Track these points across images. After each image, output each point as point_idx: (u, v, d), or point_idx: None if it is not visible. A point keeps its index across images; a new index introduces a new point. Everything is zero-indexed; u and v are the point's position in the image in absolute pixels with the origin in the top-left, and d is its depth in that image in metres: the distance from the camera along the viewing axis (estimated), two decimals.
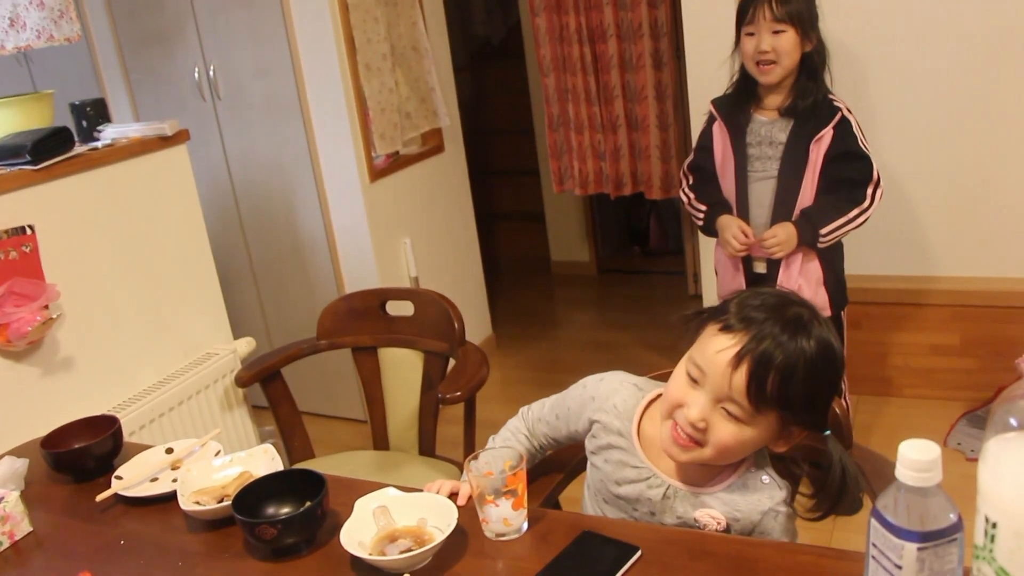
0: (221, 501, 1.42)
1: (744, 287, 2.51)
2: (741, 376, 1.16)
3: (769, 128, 2.41)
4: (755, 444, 1.22)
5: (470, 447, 2.19)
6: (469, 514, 1.31)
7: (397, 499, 1.35)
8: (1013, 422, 0.86)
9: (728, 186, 2.52)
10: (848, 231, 2.39)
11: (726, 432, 1.19)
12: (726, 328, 1.20)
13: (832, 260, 2.52)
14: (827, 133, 2.34)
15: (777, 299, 1.22)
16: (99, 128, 2.42)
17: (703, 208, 2.54)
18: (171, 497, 1.47)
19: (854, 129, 2.35)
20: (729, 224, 2.44)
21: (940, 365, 3.24)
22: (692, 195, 2.58)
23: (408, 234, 3.56)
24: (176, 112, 3.47)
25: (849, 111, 2.38)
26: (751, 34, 2.33)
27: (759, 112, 2.44)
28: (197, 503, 1.43)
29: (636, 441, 1.35)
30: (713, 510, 1.28)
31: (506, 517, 1.27)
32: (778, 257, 2.40)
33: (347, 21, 3.16)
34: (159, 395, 2.36)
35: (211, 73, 3.35)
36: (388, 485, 1.39)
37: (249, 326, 3.63)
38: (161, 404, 2.35)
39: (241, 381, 2.31)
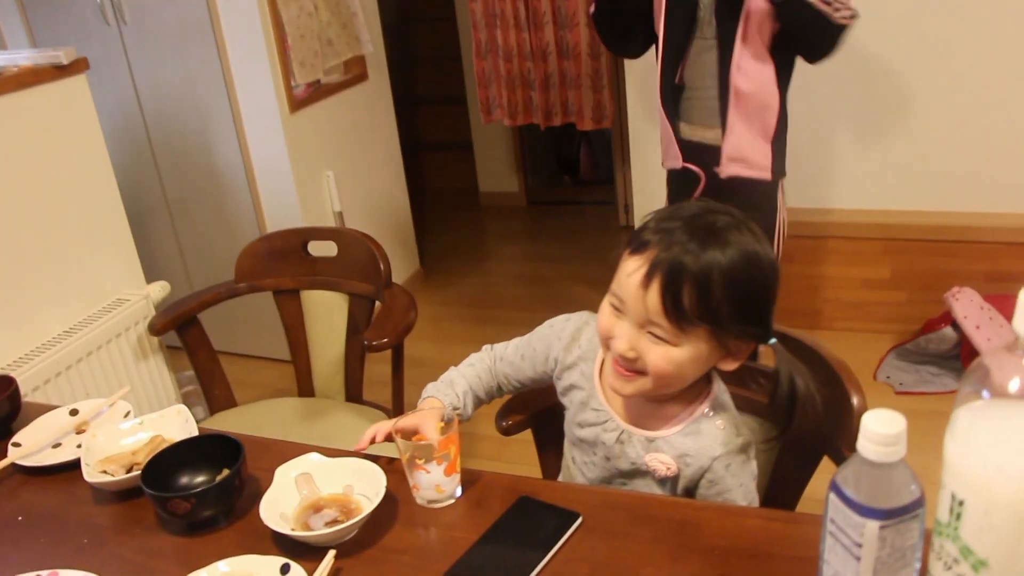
0: (131, 470, 1.31)
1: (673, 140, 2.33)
2: (654, 295, 1.10)
3: None
4: (695, 364, 1.15)
5: (398, 394, 2.11)
6: (399, 478, 1.23)
7: (321, 465, 1.26)
8: (985, 392, 0.81)
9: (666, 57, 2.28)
10: (823, 9, 2.02)
11: (657, 356, 1.13)
12: (637, 248, 1.13)
13: (781, 121, 2.28)
14: None
15: (693, 209, 1.16)
16: None
17: None
18: (75, 465, 1.35)
19: None
20: None
21: (870, 298, 3.26)
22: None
23: (331, 167, 3.41)
24: (77, 38, 3.23)
25: None
26: None
27: None
28: (104, 472, 1.32)
29: (597, 383, 1.31)
30: (663, 455, 1.23)
31: (438, 483, 1.19)
32: None
33: None
34: (64, 347, 2.21)
35: None
36: (313, 449, 1.30)
37: (166, 267, 3.47)
38: (67, 356, 2.21)
39: (155, 328, 2.18)
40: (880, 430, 0.82)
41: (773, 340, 1.17)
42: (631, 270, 1.13)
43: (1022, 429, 0.79)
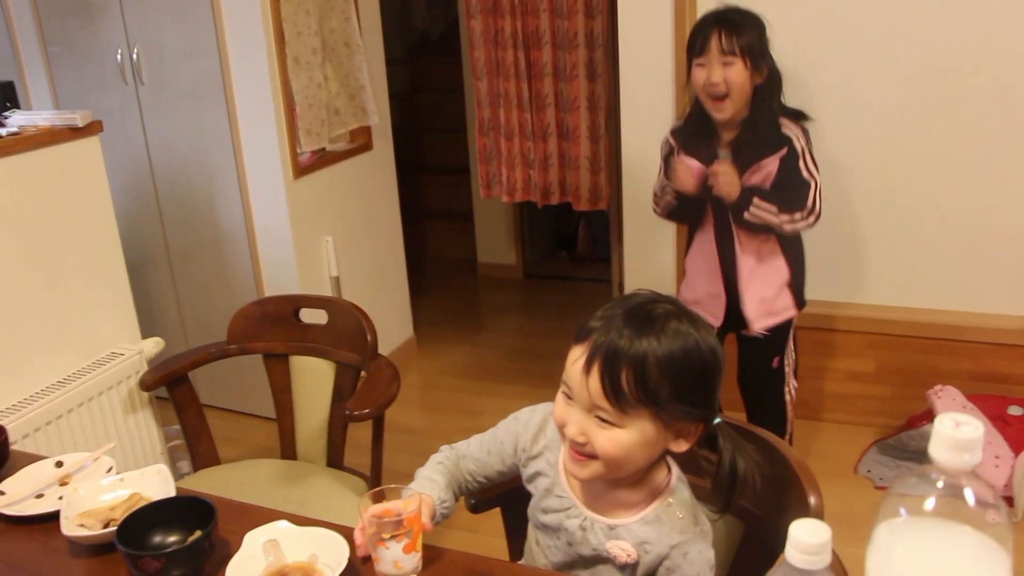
0: (107, 525, 1.36)
1: (720, 289, 2.52)
2: (595, 379, 1.17)
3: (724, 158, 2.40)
4: (643, 447, 1.20)
5: (377, 462, 2.15)
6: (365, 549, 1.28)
7: (289, 532, 1.31)
8: (903, 510, 0.86)
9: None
10: (770, 222, 2.35)
11: (604, 440, 1.19)
12: (581, 337, 1.21)
13: (798, 260, 2.54)
14: (770, 163, 2.33)
15: (637, 299, 1.23)
16: (6, 114, 2.31)
17: (669, 185, 2.48)
18: (55, 516, 1.40)
19: (800, 161, 2.34)
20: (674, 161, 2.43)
21: (855, 391, 3.29)
22: (659, 197, 2.58)
23: (331, 233, 3.49)
24: (97, 95, 3.36)
25: (799, 138, 2.36)
26: (701, 65, 2.31)
27: (719, 148, 2.42)
28: (82, 526, 1.37)
29: (561, 471, 1.36)
30: (624, 542, 1.27)
31: (396, 560, 1.24)
32: (717, 192, 2.33)
33: (277, 12, 3.08)
34: (58, 396, 2.27)
35: (135, 55, 3.24)
36: (282, 516, 1.35)
37: (164, 321, 3.54)
38: (59, 406, 2.26)
39: (146, 384, 2.24)
40: (805, 539, 0.87)
41: (718, 420, 1.23)
42: (575, 358, 1.20)
43: (934, 548, 0.83)
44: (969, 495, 0.83)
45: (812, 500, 1.38)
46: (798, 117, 2.41)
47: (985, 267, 3.05)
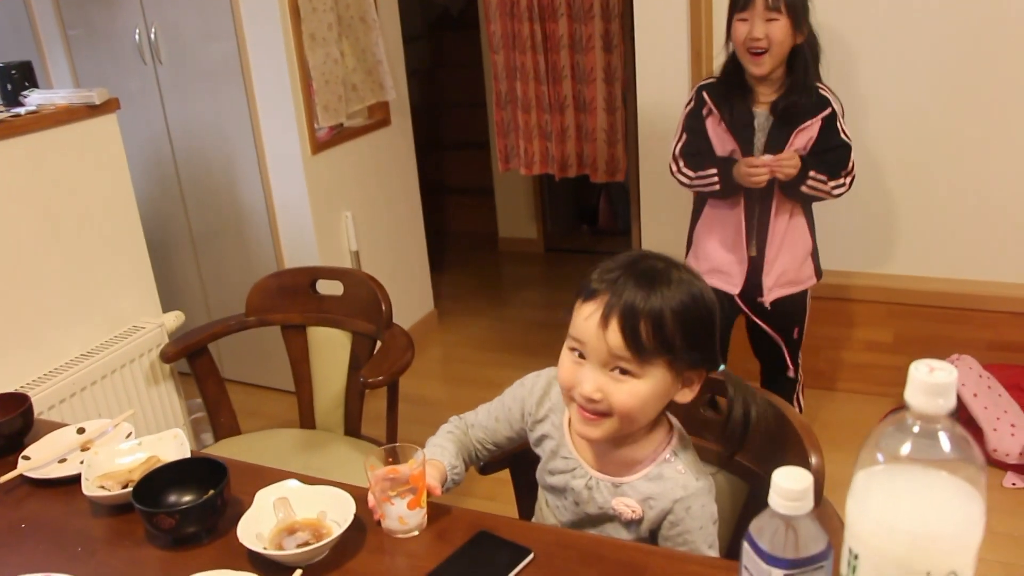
0: (126, 486, 1.41)
1: (744, 268, 2.53)
2: (614, 332, 1.19)
3: (761, 121, 2.41)
4: (656, 398, 1.24)
5: (392, 430, 2.19)
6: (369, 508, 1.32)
7: (298, 491, 1.35)
8: (880, 456, 0.88)
9: None
10: (822, 192, 2.40)
11: (624, 393, 1.21)
12: (588, 296, 1.23)
13: (814, 231, 2.57)
14: (813, 124, 2.37)
15: (629, 257, 1.26)
16: (24, 93, 2.36)
17: (713, 171, 2.43)
18: (77, 479, 1.45)
19: (838, 121, 2.38)
20: (739, 164, 2.39)
21: (873, 361, 3.29)
22: (691, 171, 2.49)
23: (349, 208, 3.53)
24: (116, 76, 3.41)
25: (837, 101, 2.39)
26: (744, 20, 2.31)
27: (755, 106, 2.42)
28: (102, 487, 1.42)
29: (567, 432, 1.40)
30: (628, 499, 1.31)
31: (401, 515, 1.27)
32: (780, 176, 2.34)
33: None
34: (80, 369, 2.33)
35: (152, 35, 3.28)
36: (291, 476, 1.39)
37: (187, 296, 3.60)
38: (82, 378, 2.32)
39: (166, 356, 2.29)
40: (788, 485, 0.89)
41: (722, 367, 1.28)
42: (588, 313, 1.22)
43: (910, 492, 0.85)
44: (944, 439, 0.85)
45: (813, 459, 1.39)
46: None
47: (1003, 236, 3.04)
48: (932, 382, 0.84)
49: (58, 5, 3.44)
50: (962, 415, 2.93)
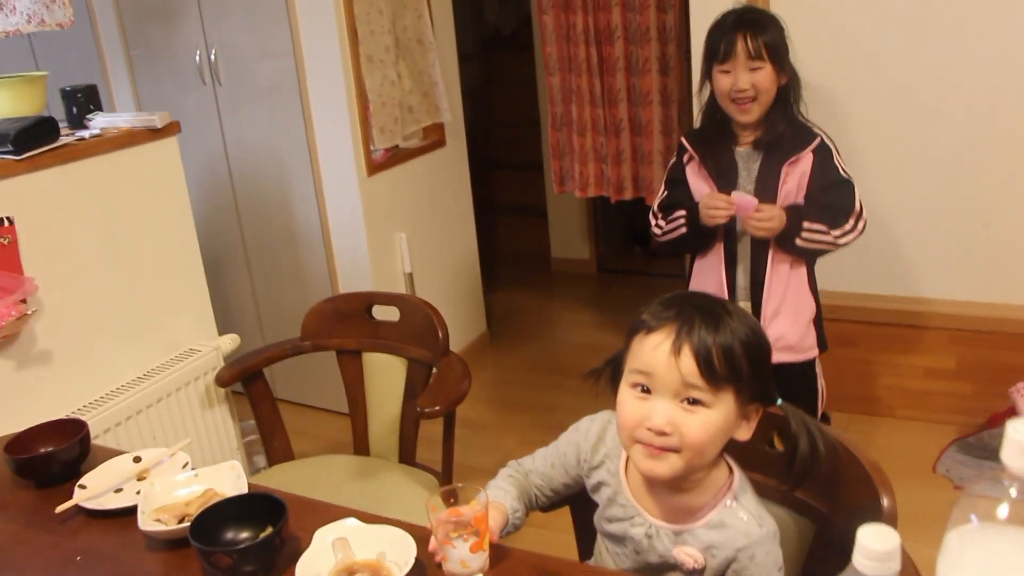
0: (182, 520, 1.39)
1: None
2: (688, 358, 1.18)
3: (745, 159, 2.31)
4: (723, 432, 1.22)
5: (448, 459, 2.17)
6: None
7: (357, 530, 1.32)
8: (974, 517, 0.83)
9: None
10: (824, 244, 2.25)
11: (696, 424, 1.19)
12: (651, 329, 1.22)
13: (817, 293, 2.42)
14: (804, 156, 2.24)
15: (681, 295, 1.28)
16: (89, 116, 2.38)
17: (681, 212, 2.33)
18: (133, 511, 1.44)
19: (834, 157, 2.26)
20: (702, 198, 2.28)
21: (933, 388, 3.21)
22: (665, 223, 2.40)
23: (404, 229, 3.52)
24: (176, 95, 3.45)
25: (828, 138, 2.28)
26: (726, 71, 2.21)
27: (737, 146, 2.32)
28: (158, 520, 1.41)
29: (624, 478, 1.36)
30: (690, 548, 1.28)
31: (464, 559, 1.24)
32: (760, 235, 2.22)
33: (351, 12, 3.11)
34: (137, 392, 2.33)
35: (212, 57, 3.32)
36: (351, 514, 1.37)
37: (242, 317, 3.61)
38: (138, 401, 2.33)
39: (222, 380, 2.29)
40: (874, 546, 0.84)
41: (779, 401, 1.29)
42: (655, 344, 1.20)
43: (1005, 556, 0.81)
44: None
45: (885, 501, 1.35)
46: None
47: None
48: None
49: (122, 26, 3.49)
50: None
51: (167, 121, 2.43)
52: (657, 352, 1.19)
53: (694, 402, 1.19)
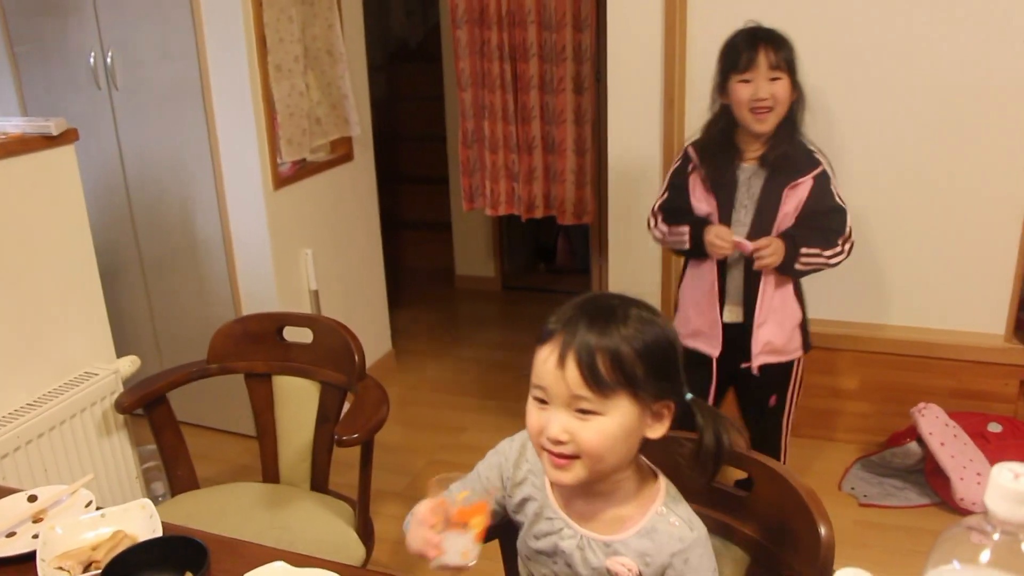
0: (88, 567, 1.28)
1: (719, 330, 2.48)
2: (572, 369, 1.17)
3: (747, 176, 2.38)
4: (626, 436, 1.21)
5: (365, 489, 2.08)
6: None
7: (286, 574, 1.23)
8: (956, 562, 0.82)
9: None
10: (819, 265, 2.37)
11: (590, 432, 1.18)
12: (544, 339, 1.21)
13: (803, 302, 2.53)
14: (805, 182, 2.34)
15: (584, 298, 1.26)
16: None
17: (684, 228, 2.43)
18: (31, 558, 1.32)
19: (831, 184, 2.36)
20: (710, 228, 2.38)
21: (838, 408, 3.28)
22: (667, 227, 2.49)
23: (310, 245, 3.41)
24: (68, 98, 3.25)
25: (828, 163, 2.37)
26: (747, 81, 2.28)
27: (742, 161, 2.40)
28: (60, 569, 1.29)
29: (550, 491, 1.34)
30: (624, 558, 1.26)
31: (466, 549, 1.20)
32: (764, 265, 2.32)
33: (259, 18, 2.99)
34: (28, 420, 2.16)
35: (108, 60, 3.14)
36: (280, 556, 1.28)
37: (138, 337, 3.43)
38: (30, 430, 2.15)
39: (122, 407, 2.14)
40: None
41: (689, 396, 1.25)
42: (545, 356, 1.19)
43: None
44: None
45: (823, 531, 1.35)
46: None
47: (964, 286, 3.07)
48: (1018, 489, 0.79)
49: (4, 19, 3.27)
50: (929, 464, 2.93)
51: (64, 128, 2.27)
52: (546, 365, 1.19)
53: (586, 412, 1.18)
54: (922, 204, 3.01)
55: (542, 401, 1.21)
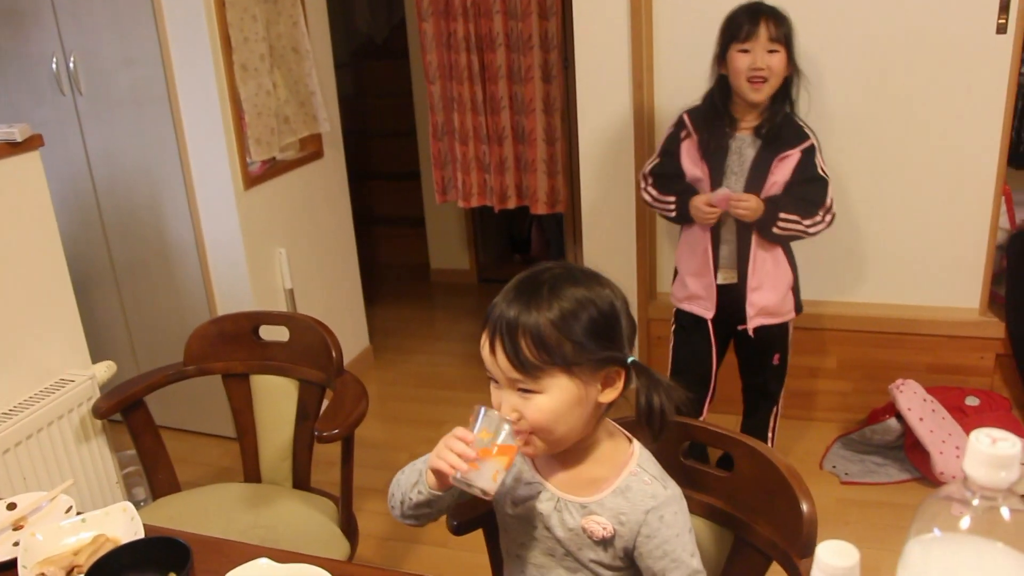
0: (71, 573, 1.27)
1: (714, 293, 2.57)
2: (501, 356, 1.21)
3: (740, 145, 2.48)
4: (571, 406, 1.23)
5: (347, 483, 2.08)
6: None
7: (270, 571, 1.23)
8: (936, 528, 0.83)
9: None
10: (797, 232, 2.45)
11: (532, 410, 1.22)
12: (484, 324, 1.25)
13: (795, 265, 2.62)
14: (793, 154, 2.43)
15: (522, 276, 1.27)
16: None
17: (671, 199, 2.55)
18: (11, 565, 1.30)
19: (816, 156, 2.45)
20: (694, 199, 2.49)
21: (817, 387, 3.30)
22: (655, 191, 2.60)
23: (283, 244, 3.39)
24: (31, 105, 3.21)
25: (815, 137, 2.47)
26: (745, 51, 2.38)
27: (735, 131, 2.49)
28: (43, 575, 1.28)
29: (526, 457, 1.37)
30: (599, 517, 1.28)
31: (497, 470, 1.21)
32: (739, 216, 2.42)
33: (223, 18, 2.97)
34: (4, 428, 2.13)
35: (71, 64, 3.11)
36: (263, 553, 1.27)
37: (113, 342, 3.40)
38: (6, 439, 2.12)
39: (99, 412, 2.12)
40: (835, 562, 0.83)
41: (631, 359, 1.27)
42: (483, 343, 1.25)
43: (967, 566, 0.81)
44: (1005, 512, 0.81)
45: (805, 507, 1.37)
46: None
47: (939, 261, 3.09)
48: (996, 454, 0.80)
49: None
50: (909, 439, 2.95)
51: (28, 134, 2.24)
52: (484, 351, 1.24)
53: (525, 391, 1.22)
54: (895, 180, 3.03)
55: (495, 381, 1.26)
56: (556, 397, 1.22)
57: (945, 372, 3.13)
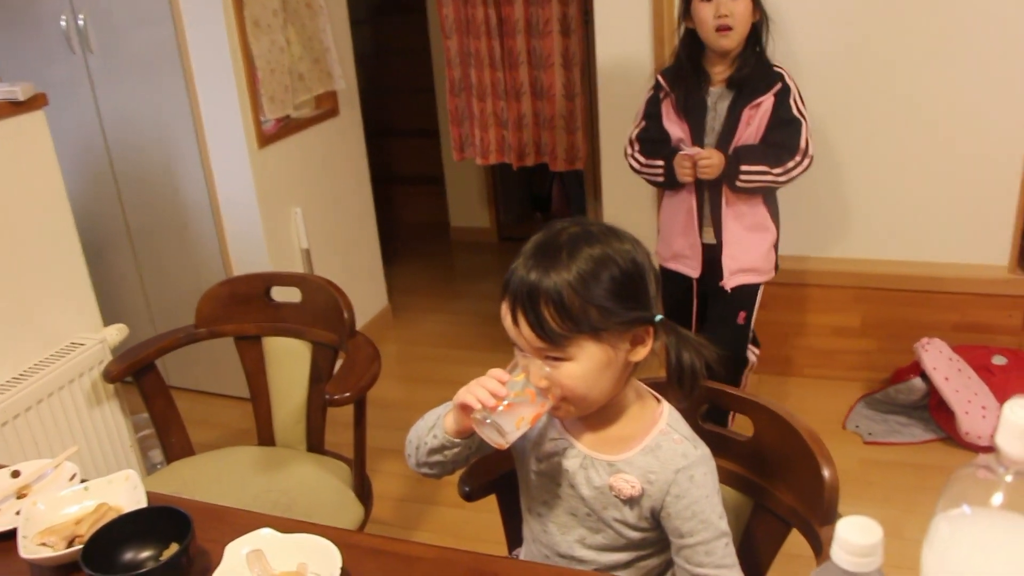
0: (72, 542, 1.25)
1: (699, 252, 2.55)
2: (524, 326, 1.18)
3: (715, 99, 2.45)
4: (602, 370, 1.21)
5: (360, 446, 2.05)
6: (355, 554, 1.18)
7: (274, 540, 1.20)
8: (965, 504, 0.77)
9: None
10: (767, 183, 2.41)
11: (564, 377, 1.19)
12: (504, 292, 1.22)
13: (778, 221, 2.59)
14: (766, 100, 2.40)
15: (539, 238, 1.23)
16: None
17: (659, 162, 2.51)
18: (13, 535, 1.28)
19: (791, 97, 2.41)
20: (677, 156, 2.46)
21: (841, 346, 3.24)
22: (643, 157, 2.56)
23: (299, 203, 3.35)
24: (42, 65, 3.17)
25: (790, 78, 2.42)
26: (708, 1, 2.35)
27: (710, 86, 2.47)
28: (44, 545, 1.25)
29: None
30: (627, 475, 1.25)
31: (522, 418, 1.17)
32: (705, 176, 2.40)
33: None
34: (13, 394, 2.11)
35: (81, 22, 3.05)
36: (265, 523, 1.24)
37: (129, 305, 3.38)
38: (16, 404, 2.11)
39: (110, 375, 2.10)
40: (856, 540, 0.78)
41: (659, 317, 1.23)
42: (504, 314, 1.21)
43: (999, 543, 0.76)
44: None
45: (826, 472, 1.33)
46: None
47: (966, 217, 3.02)
48: None
49: None
50: (934, 399, 2.90)
51: (31, 93, 2.19)
52: (506, 321, 1.21)
53: (554, 359, 1.19)
54: (923, 136, 2.95)
55: (521, 349, 1.22)
56: (585, 364, 1.19)
57: (972, 331, 3.06)
